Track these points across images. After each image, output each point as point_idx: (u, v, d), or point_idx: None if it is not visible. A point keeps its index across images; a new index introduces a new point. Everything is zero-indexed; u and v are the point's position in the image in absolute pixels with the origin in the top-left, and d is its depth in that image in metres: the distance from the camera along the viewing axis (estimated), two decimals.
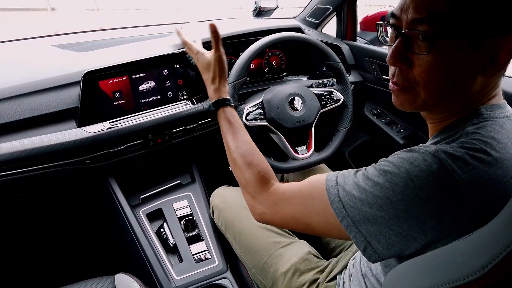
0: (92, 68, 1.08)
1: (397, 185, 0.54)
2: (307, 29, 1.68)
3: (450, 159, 0.52)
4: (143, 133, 1.18)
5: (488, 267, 0.34)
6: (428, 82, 0.58)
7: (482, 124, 0.56)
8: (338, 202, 0.61)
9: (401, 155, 0.57)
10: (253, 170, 0.82)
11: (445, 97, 0.59)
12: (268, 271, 0.99)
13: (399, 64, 0.60)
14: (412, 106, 0.63)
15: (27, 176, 1.05)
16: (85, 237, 1.60)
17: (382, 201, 0.55)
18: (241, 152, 0.86)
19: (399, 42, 0.59)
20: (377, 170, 0.58)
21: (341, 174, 0.65)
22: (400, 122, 1.57)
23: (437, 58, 0.55)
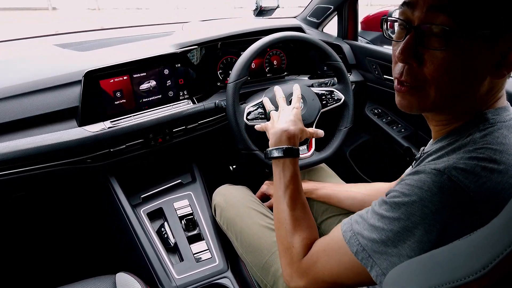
0: (93, 68, 1.08)
1: (414, 215, 0.52)
2: (308, 28, 1.68)
3: (462, 174, 0.50)
4: (144, 133, 1.18)
5: (489, 267, 0.34)
6: (441, 81, 0.54)
7: (489, 130, 0.55)
8: (362, 252, 0.58)
9: (408, 181, 0.55)
10: (301, 235, 0.76)
11: (456, 98, 0.56)
12: (269, 270, 0.99)
13: (411, 60, 0.56)
14: (420, 107, 0.59)
15: (28, 175, 1.05)
16: (86, 236, 1.61)
17: (404, 235, 0.53)
18: (295, 215, 0.80)
19: (410, 37, 0.55)
20: (389, 205, 0.56)
21: (354, 220, 0.63)
22: (401, 122, 1.56)
23: (452, 54, 0.52)
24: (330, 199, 1.13)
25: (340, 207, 1.12)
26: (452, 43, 0.51)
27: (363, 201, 1.08)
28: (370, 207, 0.63)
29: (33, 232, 1.55)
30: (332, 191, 1.13)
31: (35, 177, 1.06)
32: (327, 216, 1.15)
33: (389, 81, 1.49)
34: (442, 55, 0.52)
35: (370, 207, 0.63)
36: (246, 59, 1.15)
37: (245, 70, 1.15)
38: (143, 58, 1.17)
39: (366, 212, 0.62)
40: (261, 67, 1.52)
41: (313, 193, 1.15)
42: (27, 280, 1.51)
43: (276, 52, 1.53)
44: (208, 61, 1.38)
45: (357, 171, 1.72)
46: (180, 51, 1.24)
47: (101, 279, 0.96)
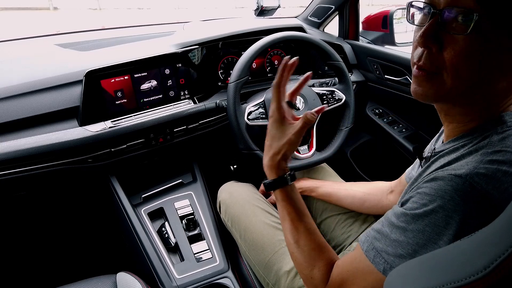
0: (94, 67, 1.09)
1: (438, 226, 0.51)
2: (309, 28, 1.68)
3: (484, 180, 0.49)
4: (145, 132, 1.18)
5: (491, 267, 0.34)
6: (459, 68, 0.53)
7: (507, 133, 0.53)
8: (390, 269, 0.56)
9: (427, 190, 0.53)
10: (317, 267, 0.71)
11: (473, 90, 0.55)
12: (272, 268, 0.99)
13: (431, 44, 0.54)
14: (435, 96, 0.58)
15: (29, 175, 1.05)
16: (86, 235, 1.61)
17: (430, 247, 0.52)
18: (302, 246, 0.73)
19: (434, 20, 0.54)
20: (410, 217, 0.55)
21: (373, 237, 0.60)
22: (402, 121, 1.56)
23: (475, 42, 0.51)
24: (330, 197, 1.12)
25: (340, 205, 1.12)
26: (475, 29, 0.50)
27: (362, 199, 1.07)
28: (384, 220, 0.61)
29: (34, 232, 1.55)
30: (332, 189, 1.13)
31: (35, 177, 1.07)
32: (326, 216, 1.15)
33: (390, 81, 1.48)
34: (464, 41, 0.51)
35: (385, 220, 0.61)
36: (247, 59, 1.15)
37: (246, 70, 1.15)
38: (144, 58, 1.17)
39: (383, 227, 0.60)
40: (262, 67, 1.52)
41: (313, 191, 1.15)
42: (28, 279, 1.51)
43: (277, 52, 1.53)
44: (209, 61, 1.38)
45: (358, 171, 1.71)
46: (181, 51, 1.24)
47: (102, 279, 0.96)
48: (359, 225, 1.10)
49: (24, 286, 1.51)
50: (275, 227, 1.05)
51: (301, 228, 0.74)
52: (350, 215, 1.12)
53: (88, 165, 1.13)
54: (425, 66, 0.56)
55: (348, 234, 1.09)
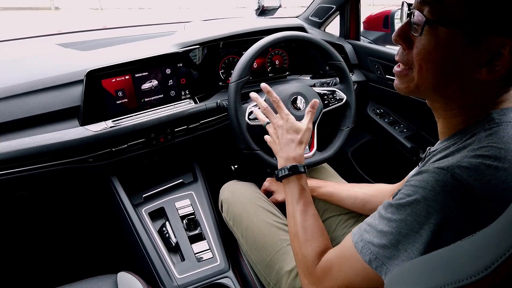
0: (95, 67, 1.09)
1: (419, 215, 0.53)
2: (310, 28, 1.68)
3: (465, 173, 0.50)
4: (146, 132, 1.18)
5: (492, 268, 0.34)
6: (421, 65, 0.58)
7: (494, 129, 0.55)
8: (375, 260, 0.59)
9: (412, 182, 0.56)
10: (313, 245, 0.78)
11: (439, 88, 0.59)
12: (273, 268, 0.99)
13: (400, 41, 0.62)
14: (406, 89, 0.64)
15: (29, 174, 1.05)
16: (87, 235, 1.61)
17: (412, 236, 0.54)
18: (307, 225, 0.82)
19: (406, 21, 0.60)
20: (394, 207, 0.57)
21: (363, 229, 0.63)
22: (403, 122, 1.56)
23: (431, 42, 0.56)
24: (332, 197, 1.12)
25: (341, 206, 1.12)
26: (429, 32, 0.56)
27: (364, 200, 1.07)
28: (376, 213, 0.63)
29: (35, 231, 1.55)
30: (334, 189, 1.13)
31: (36, 177, 1.07)
32: (328, 216, 1.15)
33: (391, 81, 1.48)
34: (423, 42, 0.57)
35: (377, 213, 0.63)
36: (248, 58, 1.15)
37: (247, 70, 1.15)
38: (145, 58, 1.17)
39: (374, 219, 0.62)
40: (263, 67, 1.52)
41: (315, 190, 1.15)
42: (29, 279, 1.51)
43: (278, 52, 1.53)
44: (210, 61, 1.38)
45: (359, 171, 1.71)
46: (182, 51, 1.24)
47: (102, 278, 0.96)
48: None
49: (25, 285, 1.51)
50: (277, 226, 1.05)
51: (310, 211, 0.85)
52: (351, 216, 1.12)
53: (89, 164, 1.14)
54: (399, 61, 0.64)
55: None
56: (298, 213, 0.85)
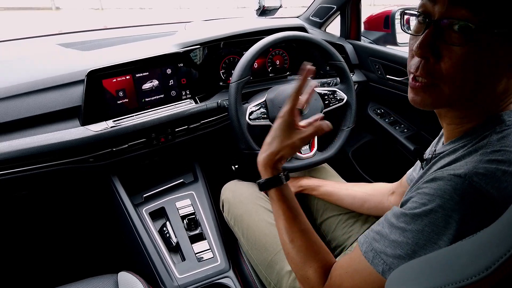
0: (96, 67, 1.09)
1: (438, 226, 0.51)
2: (311, 28, 1.68)
3: (483, 180, 0.49)
4: (146, 132, 1.18)
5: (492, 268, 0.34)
6: (457, 77, 0.53)
7: (506, 132, 0.53)
8: (389, 270, 0.55)
9: (427, 190, 0.53)
10: (313, 268, 0.71)
11: (471, 96, 0.55)
12: (274, 268, 0.99)
13: (428, 55, 0.54)
14: (434, 105, 0.58)
15: (30, 174, 1.05)
16: (88, 235, 1.61)
17: (429, 247, 0.52)
18: (297, 246, 0.73)
19: (429, 31, 0.54)
20: (409, 217, 0.54)
21: (372, 238, 0.60)
22: (404, 122, 1.56)
23: (472, 51, 0.51)
24: (331, 197, 1.12)
25: (340, 205, 1.12)
26: (472, 39, 0.50)
27: (363, 199, 1.07)
28: (383, 221, 0.61)
29: (36, 231, 1.56)
30: (333, 188, 1.13)
31: (37, 177, 1.07)
32: (327, 216, 1.15)
33: (392, 81, 1.48)
34: (461, 51, 0.51)
35: (384, 221, 0.60)
36: (248, 58, 1.15)
37: (248, 70, 1.15)
38: (146, 58, 1.17)
39: (383, 228, 0.59)
40: (263, 67, 1.52)
41: (314, 189, 1.15)
42: (30, 278, 1.51)
43: (279, 52, 1.53)
44: (210, 61, 1.38)
45: (359, 171, 1.71)
46: (182, 51, 1.24)
47: (103, 278, 0.96)
48: (360, 225, 1.10)
49: (25, 285, 1.51)
50: None
51: (295, 227, 0.75)
52: (351, 216, 1.12)
53: (90, 164, 1.14)
54: (422, 76, 0.56)
55: (349, 235, 1.09)
56: (284, 232, 0.75)
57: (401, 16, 0.65)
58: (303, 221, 0.76)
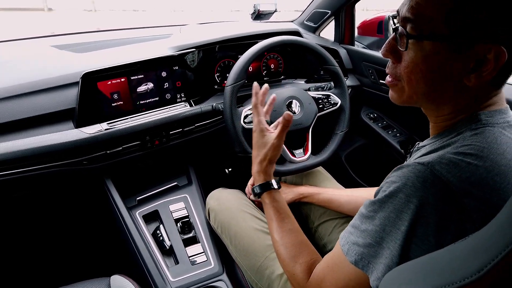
0: (90, 69, 1.08)
1: (401, 211, 0.53)
2: (305, 32, 1.69)
3: (444, 168, 0.52)
4: (141, 135, 1.18)
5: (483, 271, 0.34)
6: (410, 78, 0.60)
7: (480, 130, 0.56)
8: (361, 260, 0.59)
9: (393, 178, 0.56)
10: (299, 263, 0.76)
11: (431, 96, 0.61)
12: (264, 273, 0.99)
13: (389, 56, 0.63)
14: (400, 99, 0.66)
15: (24, 176, 1.04)
16: (81, 238, 1.60)
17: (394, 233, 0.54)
18: (285, 244, 0.80)
19: (393, 36, 0.62)
20: (376, 205, 0.58)
21: (348, 232, 0.64)
22: (396, 126, 1.58)
23: (417, 56, 0.57)
24: (331, 204, 1.13)
25: (340, 211, 1.12)
26: (414, 47, 0.57)
27: None
28: (357, 214, 0.64)
29: (28, 234, 1.54)
30: (333, 195, 1.13)
31: (30, 179, 1.06)
32: (324, 220, 1.15)
33: (385, 86, 1.50)
34: (410, 56, 0.58)
35: (358, 214, 0.63)
36: (243, 62, 1.16)
37: (243, 74, 1.16)
38: (141, 60, 1.17)
39: (355, 220, 0.63)
40: (258, 71, 1.52)
41: (314, 197, 1.15)
42: (23, 281, 1.50)
43: (274, 56, 1.54)
44: (205, 64, 1.38)
45: (353, 175, 1.72)
46: (177, 54, 1.24)
47: (95, 282, 0.95)
48: None
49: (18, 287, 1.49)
50: (265, 232, 1.06)
51: (285, 227, 0.82)
52: (347, 219, 1.12)
53: (83, 167, 1.13)
54: (389, 74, 0.66)
55: None
56: (275, 231, 0.83)
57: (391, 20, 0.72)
58: (292, 221, 0.84)
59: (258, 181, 0.88)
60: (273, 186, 0.87)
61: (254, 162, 0.89)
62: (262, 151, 0.87)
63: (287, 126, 0.84)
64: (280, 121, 0.85)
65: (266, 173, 0.88)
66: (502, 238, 0.34)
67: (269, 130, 0.89)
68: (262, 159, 0.87)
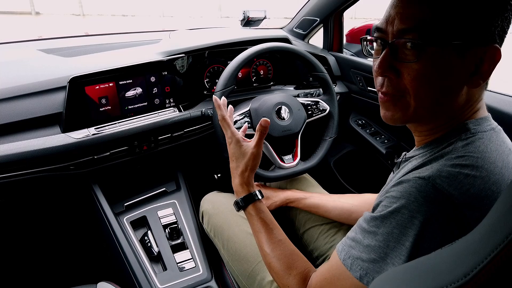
0: (78, 74, 1.07)
1: (405, 227, 0.53)
2: (295, 39, 1.71)
3: (446, 182, 0.52)
4: (129, 140, 1.17)
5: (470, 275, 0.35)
6: (418, 90, 0.57)
7: (470, 139, 0.57)
8: (366, 276, 0.58)
9: (394, 193, 0.56)
10: (292, 275, 0.75)
11: (435, 107, 0.59)
12: (255, 278, 0.99)
13: (388, 73, 0.59)
14: (403, 118, 0.62)
15: (8, 182, 1.02)
16: (67, 244, 1.57)
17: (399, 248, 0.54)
18: (277, 256, 0.78)
19: (386, 52, 0.59)
20: (379, 220, 0.57)
21: (348, 246, 0.62)
22: (384, 133, 1.59)
23: (426, 65, 0.55)
24: (318, 209, 1.13)
25: (327, 217, 1.12)
26: (423, 55, 0.55)
27: (350, 211, 1.08)
28: (356, 227, 0.63)
29: (13, 240, 1.51)
30: (320, 200, 1.13)
31: (15, 184, 1.04)
32: (310, 226, 1.15)
33: (373, 93, 1.52)
34: (417, 66, 0.56)
35: (357, 227, 0.63)
36: (233, 68, 1.16)
37: (232, 80, 1.16)
38: (130, 65, 1.16)
39: (356, 234, 0.62)
40: (247, 77, 1.53)
41: (300, 202, 1.15)
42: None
43: (263, 62, 1.55)
44: (195, 70, 1.38)
45: (341, 181, 1.73)
46: (167, 59, 1.24)
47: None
48: (342, 234, 1.11)
49: None
50: None
51: (275, 238, 0.80)
52: (333, 225, 1.13)
53: (70, 172, 1.12)
54: (388, 92, 0.61)
55: (331, 244, 1.10)
56: (264, 244, 0.80)
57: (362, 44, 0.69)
58: (280, 232, 0.82)
59: (241, 194, 0.85)
60: (257, 197, 0.84)
61: (235, 175, 0.86)
62: (242, 162, 0.84)
63: (264, 133, 0.83)
64: (257, 128, 0.82)
65: (249, 184, 0.85)
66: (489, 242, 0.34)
67: (245, 139, 0.87)
68: (243, 170, 0.84)
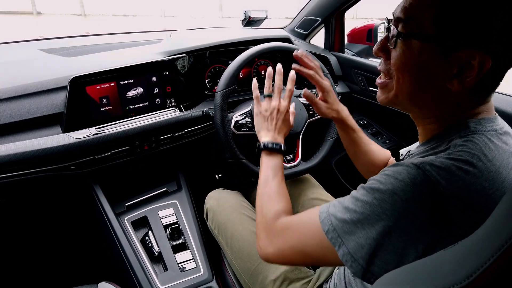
0: (79, 74, 1.07)
1: (385, 201, 0.55)
2: (296, 39, 1.71)
3: (435, 170, 0.53)
4: (130, 140, 1.17)
5: (473, 277, 0.34)
6: (398, 76, 0.62)
7: (470, 136, 0.57)
8: (333, 231, 0.60)
9: (387, 171, 0.58)
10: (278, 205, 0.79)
11: (415, 97, 0.63)
12: (258, 277, 0.99)
13: (379, 53, 0.67)
14: (386, 99, 0.67)
15: (9, 182, 1.02)
16: (68, 244, 1.57)
17: (373, 219, 0.55)
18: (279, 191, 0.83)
19: (385, 35, 0.65)
20: (365, 190, 0.59)
21: (332, 204, 0.65)
22: (386, 133, 1.59)
23: (405, 54, 0.60)
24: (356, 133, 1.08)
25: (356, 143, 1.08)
26: (402, 45, 0.60)
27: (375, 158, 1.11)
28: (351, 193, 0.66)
29: (14, 241, 1.51)
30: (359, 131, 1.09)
31: (16, 184, 1.04)
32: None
33: (374, 93, 1.51)
34: (398, 53, 0.61)
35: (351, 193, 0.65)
36: (234, 68, 1.16)
37: (234, 79, 1.16)
38: (131, 65, 1.16)
39: (344, 198, 0.65)
40: (249, 77, 1.53)
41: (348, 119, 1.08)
42: None
43: (264, 62, 1.55)
44: (196, 70, 1.38)
45: (342, 181, 1.73)
46: (168, 59, 1.24)
47: None
48: None
49: None
50: None
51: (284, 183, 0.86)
52: None
53: (71, 172, 1.12)
54: (381, 70, 0.68)
55: None
56: (276, 180, 0.85)
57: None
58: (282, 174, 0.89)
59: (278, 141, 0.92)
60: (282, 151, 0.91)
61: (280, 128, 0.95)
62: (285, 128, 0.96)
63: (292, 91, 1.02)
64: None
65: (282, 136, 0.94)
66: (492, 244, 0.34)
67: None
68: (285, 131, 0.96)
